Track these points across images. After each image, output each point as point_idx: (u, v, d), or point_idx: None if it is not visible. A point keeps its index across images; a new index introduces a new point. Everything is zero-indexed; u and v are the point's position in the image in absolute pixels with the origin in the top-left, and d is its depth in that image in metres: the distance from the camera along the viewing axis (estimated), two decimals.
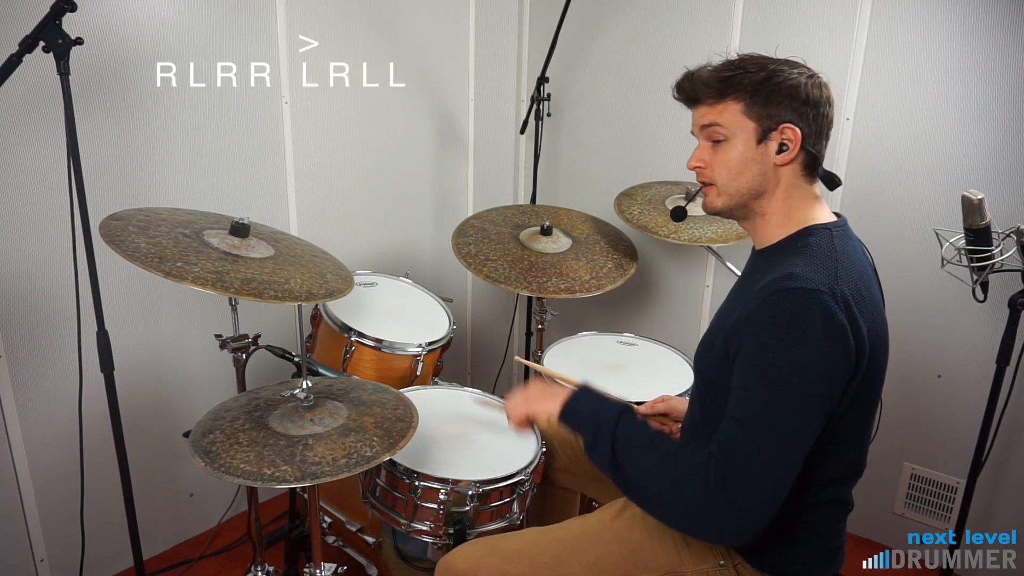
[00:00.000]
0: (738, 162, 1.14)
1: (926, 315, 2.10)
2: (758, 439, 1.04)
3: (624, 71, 2.58)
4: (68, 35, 1.38)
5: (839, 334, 1.02)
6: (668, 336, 2.28)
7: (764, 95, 1.10)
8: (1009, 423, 1.92)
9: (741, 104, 1.12)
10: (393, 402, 1.50)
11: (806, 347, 1.02)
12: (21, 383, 1.79)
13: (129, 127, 1.87)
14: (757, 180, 1.15)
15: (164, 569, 2.09)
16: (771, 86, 1.10)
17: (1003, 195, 1.91)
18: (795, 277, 1.04)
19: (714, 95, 1.13)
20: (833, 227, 1.17)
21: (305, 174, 2.30)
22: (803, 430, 1.04)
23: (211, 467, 1.23)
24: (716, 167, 1.17)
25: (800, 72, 1.12)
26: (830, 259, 1.09)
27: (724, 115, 1.13)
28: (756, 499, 1.04)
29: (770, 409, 1.04)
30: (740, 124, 1.13)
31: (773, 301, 1.04)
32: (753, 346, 1.06)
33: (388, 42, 2.44)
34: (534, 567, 1.25)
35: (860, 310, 1.06)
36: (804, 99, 1.11)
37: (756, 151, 1.13)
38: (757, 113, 1.11)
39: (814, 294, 1.02)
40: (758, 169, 1.14)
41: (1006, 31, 1.85)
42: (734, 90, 1.12)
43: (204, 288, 1.29)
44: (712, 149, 1.17)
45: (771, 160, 1.13)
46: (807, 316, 1.02)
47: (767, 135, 1.12)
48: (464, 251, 2.19)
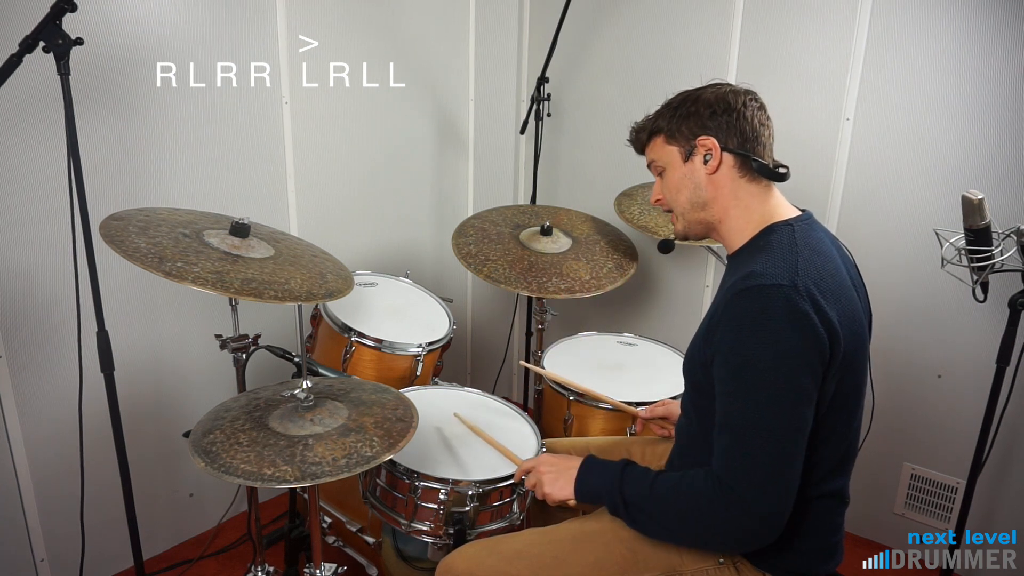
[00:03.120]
0: (676, 183, 1.27)
1: (926, 315, 2.10)
2: (749, 442, 1.06)
3: (624, 71, 2.58)
4: (68, 35, 1.38)
5: (805, 324, 1.04)
6: (668, 336, 2.28)
7: (675, 122, 1.24)
8: (1009, 423, 1.91)
9: (661, 136, 1.27)
10: (393, 402, 1.50)
11: (774, 341, 1.04)
12: (21, 383, 1.79)
13: (129, 127, 1.87)
14: (695, 193, 1.25)
15: (164, 569, 2.09)
16: (679, 112, 1.24)
17: (1003, 195, 1.91)
18: (756, 275, 1.07)
19: (645, 139, 1.32)
20: (795, 222, 1.20)
21: (305, 174, 2.30)
22: (791, 423, 1.06)
23: (211, 467, 1.23)
24: (666, 194, 1.31)
25: (710, 88, 1.24)
26: (790, 253, 1.12)
27: (654, 151, 1.30)
28: (767, 500, 1.06)
29: (753, 409, 1.06)
30: (666, 152, 1.27)
31: (736, 301, 1.08)
32: (724, 349, 1.09)
33: (388, 42, 2.44)
34: (534, 567, 1.25)
35: (826, 298, 1.08)
36: (713, 110, 1.21)
37: (685, 168, 1.25)
38: (674, 137, 1.25)
39: (775, 288, 1.05)
40: (692, 183, 1.25)
41: (1006, 31, 1.85)
42: (654, 128, 1.29)
43: (204, 288, 1.29)
44: (660, 182, 1.32)
45: (701, 172, 1.23)
46: (770, 311, 1.04)
47: (691, 153, 1.24)
48: (464, 251, 2.19)
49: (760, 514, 1.06)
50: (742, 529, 1.08)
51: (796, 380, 1.05)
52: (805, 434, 1.08)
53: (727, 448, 1.08)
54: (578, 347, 2.17)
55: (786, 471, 1.06)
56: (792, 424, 1.06)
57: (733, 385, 1.08)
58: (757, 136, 1.21)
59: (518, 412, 1.83)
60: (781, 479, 1.06)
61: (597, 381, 1.89)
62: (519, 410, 1.84)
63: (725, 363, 1.10)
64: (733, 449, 1.08)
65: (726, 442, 1.09)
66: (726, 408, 1.10)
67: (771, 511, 1.07)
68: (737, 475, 1.06)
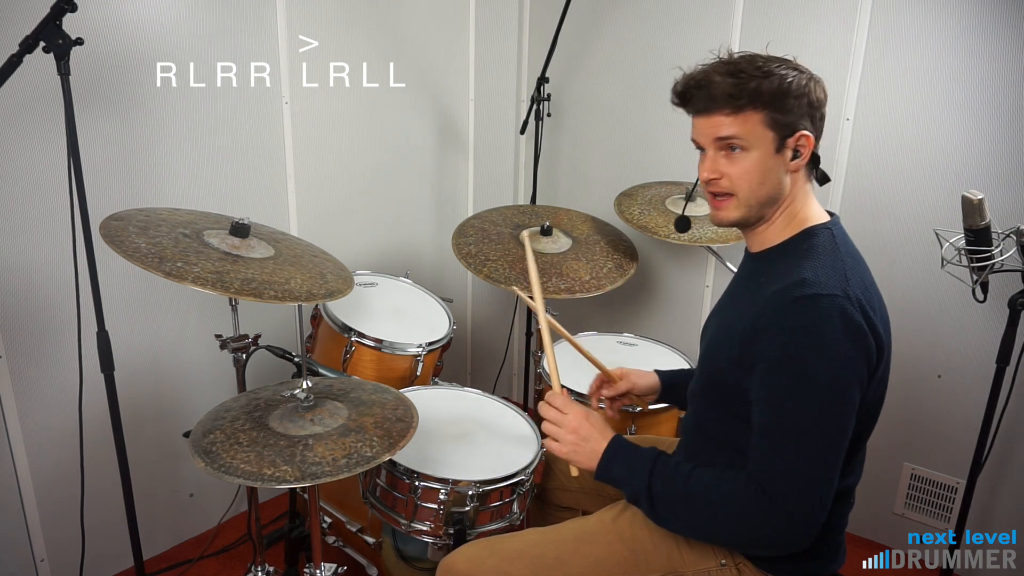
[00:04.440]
0: (760, 172, 1.11)
1: (926, 315, 2.10)
2: (796, 452, 1.04)
3: (624, 71, 2.57)
4: (68, 35, 1.38)
5: (860, 336, 1.03)
6: (668, 336, 2.28)
7: (782, 104, 1.08)
8: (1009, 423, 1.91)
9: (761, 114, 1.08)
10: (393, 402, 1.50)
11: (831, 354, 1.02)
12: (21, 383, 1.78)
13: (129, 127, 1.87)
14: (777, 189, 1.14)
15: (164, 569, 2.09)
16: (787, 94, 1.08)
17: (1003, 195, 1.91)
18: (809, 283, 1.05)
19: (732, 106, 1.09)
20: (832, 226, 1.18)
21: (305, 174, 2.29)
22: (836, 434, 1.05)
23: (211, 467, 1.23)
24: (737, 178, 1.13)
25: (803, 75, 1.11)
26: (837, 260, 1.10)
27: (745, 126, 1.09)
28: (806, 509, 1.05)
29: (803, 420, 1.04)
30: (761, 134, 1.09)
31: (791, 310, 1.05)
32: (776, 357, 1.05)
33: (388, 42, 2.44)
34: (535, 567, 1.25)
35: (872, 307, 1.07)
36: (812, 103, 1.11)
37: (775, 160, 1.11)
38: (776, 122, 1.09)
39: (831, 299, 1.03)
40: (777, 178, 1.13)
41: (1006, 31, 1.85)
42: (753, 100, 1.08)
43: (204, 288, 1.29)
44: (727, 158, 1.13)
45: (787, 167, 1.13)
46: (828, 322, 1.02)
47: (784, 143, 1.11)
48: (464, 251, 2.19)
49: (800, 522, 1.05)
50: (779, 535, 1.07)
51: (848, 392, 1.04)
52: (847, 443, 1.07)
53: (772, 457, 1.06)
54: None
55: (828, 481, 1.05)
56: (839, 435, 1.05)
57: (785, 395, 1.05)
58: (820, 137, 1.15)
59: (518, 412, 1.83)
60: (823, 489, 1.05)
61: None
62: (519, 410, 1.84)
63: (775, 371, 1.06)
64: (778, 458, 1.05)
65: (771, 450, 1.06)
66: (772, 416, 1.06)
67: (811, 520, 1.05)
68: (781, 485, 1.04)
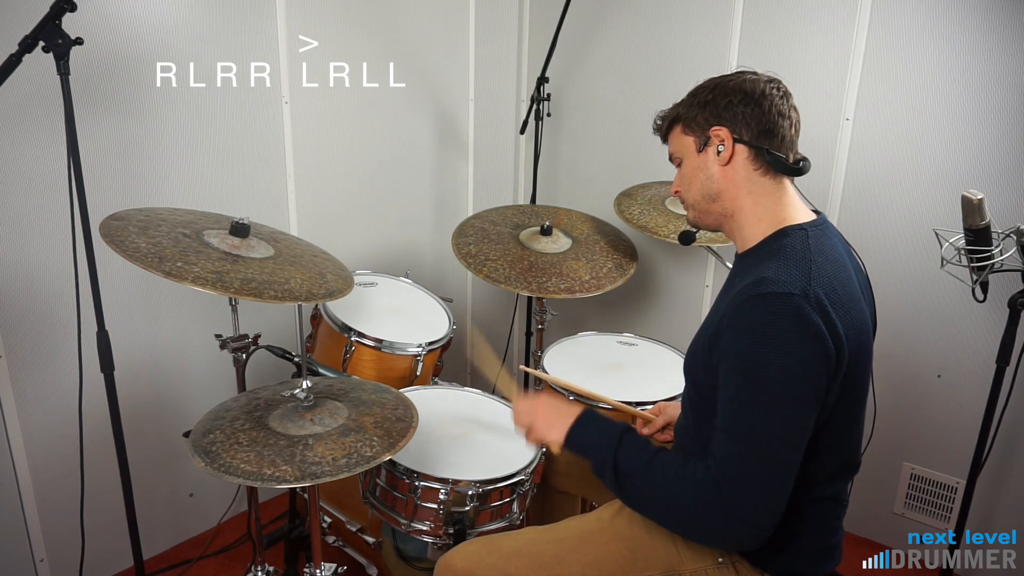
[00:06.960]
0: (689, 174, 1.25)
1: (926, 315, 2.10)
2: (747, 449, 1.06)
3: (624, 71, 2.58)
4: (68, 35, 1.38)
5: (814, 335, 1.03)
6: (668, 336, 2.28)
7: (693, 111, 1.22)
8: (1009, 423, 1.91)
9: (680, 125, 1.25)
10: (393, 402, 1.50)
11: (782, 351, 1.03)
12: (21, 383, 1.79)
13: (129, 127, 1.87)
14: (706, 185, 1.23)
15: (164, 569, 2.09)
16: (697, 101, 1.21)
17: (1003, 195, 1.91)
18: (767, 281, 1.06)
19: (667, 128, 1.29)
20: (809, 227, 1.18)
21: (305, 174, 2.30)
22: (790, 434, 1.06)
23: (211, 467, 1.23)
24: (681, 185, 1.28)
25: (732, 77, 1.19)
26: (804, 260, 1.10)
27: (674, 142, 1.28)
28: (757, 508, 1.06)
29: (754, 417, 1.05)
30: (683, 143, 1.25)
31: (746, 307, 1.06)
32: (732, 355, 1.08)
33: (388, 42, 2.44)
34: (533, 566, 1.25)
35: (835, 309, 1.07)
36: (729, 100, 1.17)
37: (699, 159, 1.23)
38: (690, 127, 1.23)
39: (785, 297, 1.04)
40: (704, 175, 1.22)
41: (1006, 31, 1.85)
42: (674, 118, 1.26)
43: (204, 288, 1.29)
44: (678, 173, 1.29)
45: (714, 164, 1.21)
46: (780, 320, 1.03)
47: (705, 143, 1.21)
48: (464, 251, 2.19)
49: (751, 521, 1.06)
50: (730, 531, 1.08)
51: (801, 391, 1.05)
52: (804, 444, 1.07)
53: (727, 454, 1.08)
54: (578, 347, 2.17)
55: (782, 481, 1.06)
56: (793, 435, 1.06)
57: (737, 392, 1.07)
58: (774, 128, 1.17)
59: None
60: (776, 488, 1.06)
61: (597, 381, 1.89)
62: None
63: (731, 370, 1.08)
64: (733, 455, 1.07)
65: (726, 447, 1.08)
66: (729, 414, 1.09)
67: (762, 519, 1.06)
68: (734, 481, 1.06)
